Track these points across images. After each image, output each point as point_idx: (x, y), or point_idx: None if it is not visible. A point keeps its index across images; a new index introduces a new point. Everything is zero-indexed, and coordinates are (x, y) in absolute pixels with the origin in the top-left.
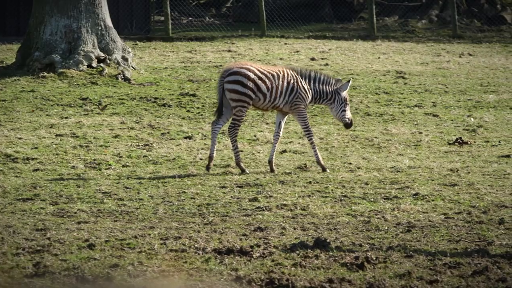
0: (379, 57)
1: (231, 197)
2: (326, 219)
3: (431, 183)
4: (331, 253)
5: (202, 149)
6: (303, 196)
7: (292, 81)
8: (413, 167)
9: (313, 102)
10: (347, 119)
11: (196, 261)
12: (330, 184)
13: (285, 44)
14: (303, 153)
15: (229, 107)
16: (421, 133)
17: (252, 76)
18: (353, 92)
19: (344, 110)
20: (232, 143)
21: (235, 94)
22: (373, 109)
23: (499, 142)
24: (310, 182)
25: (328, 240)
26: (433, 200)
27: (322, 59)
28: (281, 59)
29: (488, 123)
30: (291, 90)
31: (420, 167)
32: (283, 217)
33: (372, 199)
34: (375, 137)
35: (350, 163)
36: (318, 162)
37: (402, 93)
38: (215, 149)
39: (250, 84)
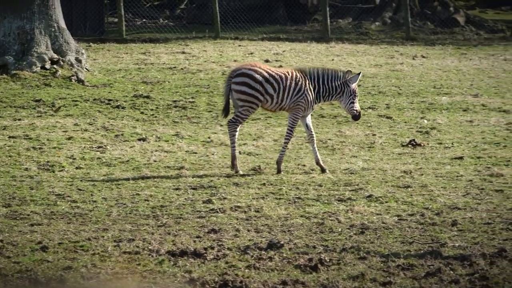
0: (333, 59)
1: (185, 199)
2: (280, 221)
3: (385, 185)
4: (285, 255)
5: (156, 151)
6: (257, 198)
7: (299, 82)
8: (366, 169)
9: (323, 100)
10: (355, 111)
11: (149, 263)
12: (284, 186)
13: (239, 46)
14: (257, 155)
15: (237, 107)
16: (374, 135)
17: (259, 78)
18: None
19: (353, 102)
20: (230, 138)
21: (242, 95)
22: (327, 111)
23: (452, 144)
24: (264, 184)
25: (282, 242)
26: (386, 202)
27: (276, 61)
28: (235, 60)
29: (441, 125)
30: (297, 92)
31: (373, 169)
32: (237, 219)
33: (326, 201)
34: (329, 139)
35: (304, 165)
36: (279, 162)
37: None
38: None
39: (257, 86)
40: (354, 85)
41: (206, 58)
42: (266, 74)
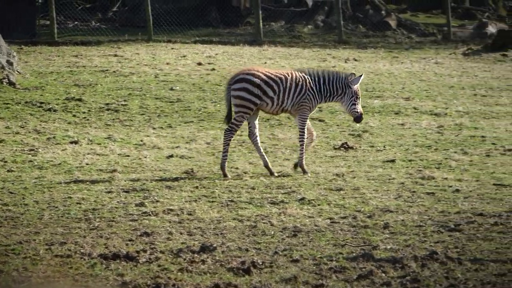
0: (265, 62)
1: (118, 202)
2: (212, 224)
3: (317, 188)
4: (217, 258)
5: (88, 154)
6: (189, 201)
7: (300, 83)
8: (299, 172)
9: (324, 101)
10: (357, 113)
11: (81, 266)
12: (217, 189)
13: (172, 48)
14: (189, 158)
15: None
16: (307, 138)
17: (258, 81)
18: None
19: (354, 104)
20: (223, 146)
21: (239, 100)
22: (260, 114)
23: (384, 147)
24: (197, 187)
25: (214, 245)
26: (319, 205)
27: (209, 63)
28: (167, 63)
29: (373, 128)
30: (299, 92)
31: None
32: (170, 222)
33: (259, 204)
34: (262, 142)
35: (237, 168)
36: (301, 165)
37: None
38: (264, 156)
39: (256, 90)
40: (355, 87)
41: (138, 61)
42: (264, 77)
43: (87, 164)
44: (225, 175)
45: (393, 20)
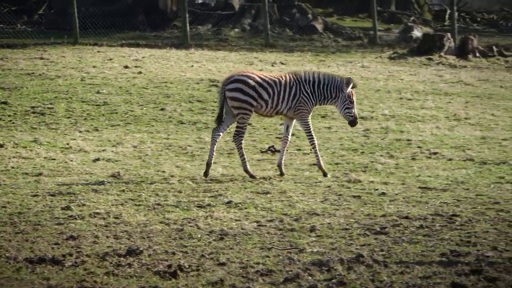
0: (192, 66)
1: (43, 205)
2: (139, 227)
3: (244, 191)
4: (144, 262)
5: (14, 157)
6: (116, 205)
7: (294, 86)
8: (226, 175)
9: (319, 104)
10: (351, 116)
11: (7, 270)
12: (143, 193)
13: (98, 52)
14: (116, 161)
15: (230, 115)
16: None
17: (253, 83)
18: (167, 100)
19: (348, 108)
20: (238, 150)
21: (236, 102)
22: (187, 117)
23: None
24: (123, 191)
25: (141, 249)
26: (246, 208)
27: (136, 67)
28: (94, 67)
29: (300, 131)
30: (293, 95)
31: (233, 175)
32: (96, 226)
33: (186, 207)
34: (189, 145)
35: (164, 171)
36: (320, 166)
37: (215, 101)
38: (213, 156)
39: (251, 92)
40: (349, 91)
41: (65, 64)
42: (259, 80)
43: (12, 167)
44: (252, 176)
45: (319, 23)
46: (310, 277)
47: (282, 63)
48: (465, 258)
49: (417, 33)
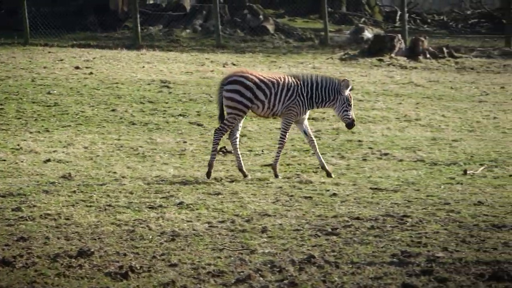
0: (143, 66)
1: None
2: (90, 228)
3: (196, 192)
4: (95, 263)
5: None
6: (67, 206)
7: (291, 88)
8: (177, 176)
9: (316, 107)
10: (349, 119)
11: None
12: (94, 194)
13: (49, 52)
14: (67, 162)
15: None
16: (185, 142)
17: (250, 84)
18: (118, 101)
19: (346, 110)
20: (213, 145)
21: (231, 102)
22: (138, 118)
23: (262, 151)
24: (74, 192)
25: (92, 250)
26: (197, 209)
27: (87, 67)
28: (44, 67)
29: (251, 132)
30: (289, 97)
31: (184, 176)
32: (47, 227)
33: (137, 208)
34: (140, 146)
35: (115, 172)
36: (274, 167)
37: (167, 102)
38: (240, 158)
39: (248, 94)
40: (347, 93)
41: (15, 64)
42: (257, 80)
43: None
44: (209, 174)
45: (271, 24)
46: (261, 278)
47: (234, 64)
48: (416, 258)
49: (368, 34)
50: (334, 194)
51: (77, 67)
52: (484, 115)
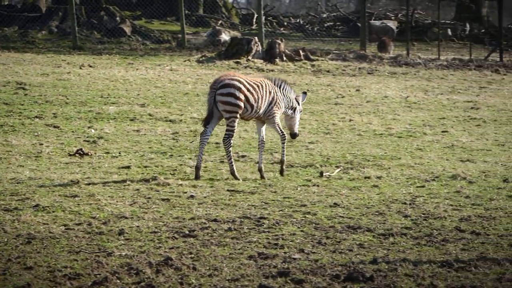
0: None
1: None
2: None
3: (52, 194)
4: None
5: None
6: None
7: (272, 91)
8: (33, 178)
9: (285, 109)
10: (297, 130)
11: None
12: None
13: None
14: None
15: (216, 117)
16: (42, 144)
17: (243, 88)
18: None
19: (298, 120)
20: (226, 154)
21: (228, 106)
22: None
23: (120, 153)
24: None
25: None
26: (53, 211)
27: None
28: None
29: (108, 134)
30: (271, 100)
31: (41, 178)
32: None
33: None
34: None
35: None
36: (282, 162)
37: (22, 104)
38: (202, 159)
39: (242, 96)
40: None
41: None
42: (247, 84)
43: None
44: (236, 178)
45: (128, 26)
46: (118, 281)
47: (90, 66)
48: (273, 260)
49: (225, 36)
50: (192, 196)
51: None
52: (340, 117)
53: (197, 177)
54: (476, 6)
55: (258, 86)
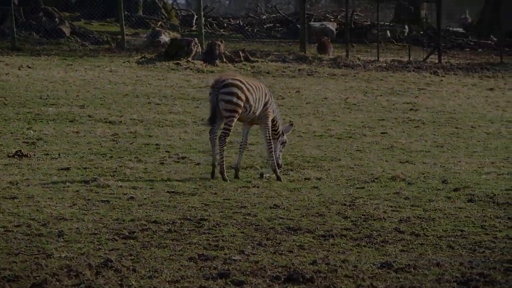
0: None
1: None
2: None
3: None
4: None
5: None
6: None
7: (267, 94)
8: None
9: (275, 116)
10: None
11: None
12: None
13: None
14: None
15: (221, 115)
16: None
17: (245, 88)
18: None
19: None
20: (219, 153)
21: (230, 105)
22: None
23: (59, 155)
24: None
25: None
26: None
27: None
28: None
29: (48, 136)
30: (266, 101)
31: None
32: None
33: None
34: None
35: None
36: (275, 166)
37: None
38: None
39: (243, 96)
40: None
41: None
42: (247, 85)
43: None
44: (224, 180)
45: (66, 27)
46: (58, 283)
47: (29, 67)
48: (213, 262)
49: (164, 38)
50: (132, 198)
51: None
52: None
53: (213, 175)
54: (415, 8)
55: (256, 88)
